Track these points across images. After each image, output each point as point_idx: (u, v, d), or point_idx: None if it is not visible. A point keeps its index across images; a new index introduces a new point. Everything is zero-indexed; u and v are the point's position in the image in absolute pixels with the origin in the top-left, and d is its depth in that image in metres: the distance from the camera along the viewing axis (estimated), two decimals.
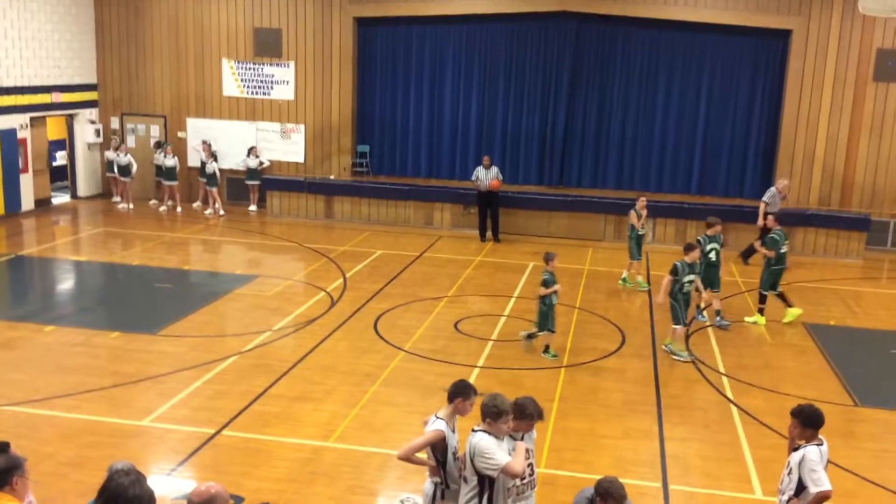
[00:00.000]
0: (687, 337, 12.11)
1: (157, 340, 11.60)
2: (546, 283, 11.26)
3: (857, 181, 19.24)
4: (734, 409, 9.91)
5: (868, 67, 18.80)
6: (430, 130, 21.64)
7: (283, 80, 21.45)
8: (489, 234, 19.23)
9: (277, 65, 21.41)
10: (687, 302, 11.76)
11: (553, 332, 11.46)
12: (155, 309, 13.08)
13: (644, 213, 15.53)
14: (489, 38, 20.90)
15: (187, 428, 8.87)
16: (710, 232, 13.23)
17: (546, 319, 11.36)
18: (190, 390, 9.88)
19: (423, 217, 20.30)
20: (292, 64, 21.33)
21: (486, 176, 19.03)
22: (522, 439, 5.99)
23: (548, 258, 11.51)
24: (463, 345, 11.85)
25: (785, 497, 6.10)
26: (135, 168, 21.18)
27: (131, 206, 21.26)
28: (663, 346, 11.86)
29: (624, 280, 15.44)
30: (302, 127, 21.60)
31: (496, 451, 5.48)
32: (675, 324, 11.67)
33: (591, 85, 20.62)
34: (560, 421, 9.34)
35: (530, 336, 11.73)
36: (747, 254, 17.35)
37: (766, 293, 13.30)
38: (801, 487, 6.00)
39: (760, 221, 16.72)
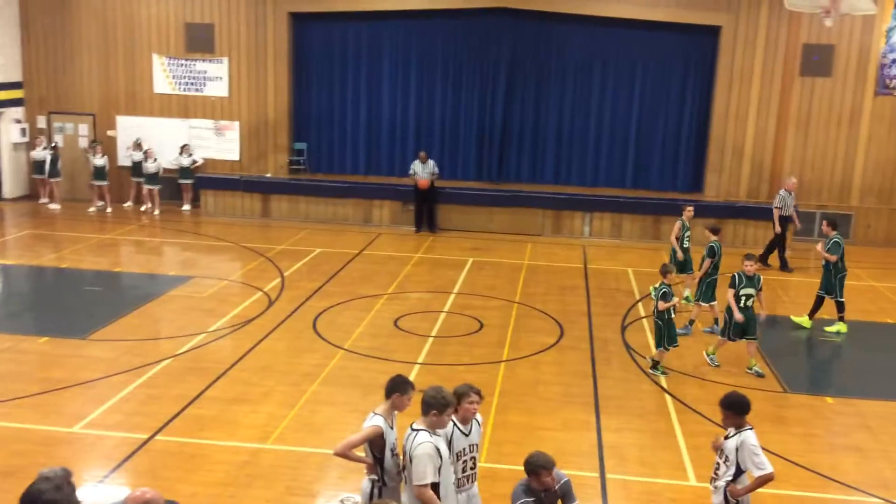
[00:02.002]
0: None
1: (87, 345, 11.28)
2: (666, 297, 10.62)
3: (785, 173, 19.74)
4: (668, 399, 10.10)
5: (795, 62, 19.34)
6: (367, 127, 21.53)
7: (216, 77, 21.07)
8: (424, 225, 19.45)
9: (210, 61, 21.03)
10: (745, 316, 10.87)
11: (676, 345, 10.87)
12: (85, 313, 12.72)
13: (689, 224, 14.15)
14: (426, 34, 20.88)
15: (120, 434, 8.66)
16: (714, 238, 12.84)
17: (662, 335, 10.70)
18: (122, 395, 9.64)
19: (362, 214, 20.19)
20: (225, 60, 20.98)
21: (423, 170, 19.09)
22: (471, 432, 6.00)
23: (664, 271, 10.87)
24: (403, 342, 11.83)
25: (721, 482, 6.22)
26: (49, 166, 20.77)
27: (58, 206, 20.67)
28: (746, 369, 11.02)
29: (688, 299, 13.76)
30: (236, 124, 21.26)
31: (427, 467, 5.47)
32: (721, 335, 11.27)
33: (527, 81, 20.77)
34: (500, 415, 9.39)
35: (656, 363, 10.91)
36: (767, 254, 17.12)
37: (842, 300, 12.92)
38: (737, 473, 6.14)
39: (777, 228, 16.78)
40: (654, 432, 9.15)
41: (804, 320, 13.19)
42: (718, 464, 6.34)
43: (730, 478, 6.18)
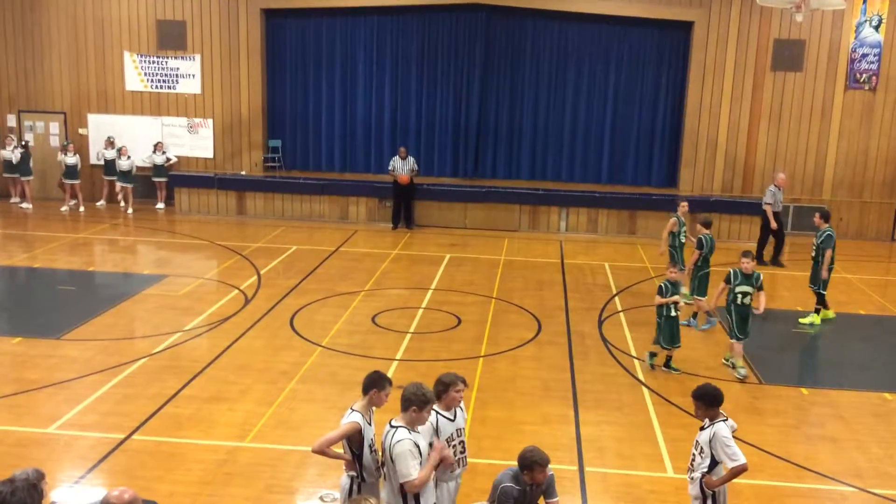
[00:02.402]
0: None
1: (61, 345, 11.15)
2: (660, 292, 10.45)
3: (758, 167, 19.99)
4: (646, 391, 10.17)
5: (766, 57, 19.53)
6: (343, 124, 21.47)
7: (188, 74, 20.90)
8: (402, 222, 19.48)
9: (182, 58, 20.84)
10: (741, 314, 10.57)
11: (677, 346, 10.67)
12: (59, 312, 12.57)
13: (685, 220, 13.84)
14: (400, 30, 20.84)
15: (95, 434, 8.57)
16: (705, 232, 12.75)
17: (662, 333, 10.56)
18: (97, 395, 9.54)
19: (338, 211, 20.13)
20: (198, 57, 20.80)
21: (403, 166, 19.06)
22: (455, 417, 6.03)
23: (669, 266, 10.79)
24: (381, 338, 11.80)
25: (697, 474, 6.27)
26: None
27: (30, 205, 20.44)
28: (723, 361, 11.03)
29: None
30: (210, 121, 21.11)
31: (409, 463, 5.42)
32: (730, 337, 10.80)
33: (502, 76, 20.80)
34: (479, 410, 9.40)
35: (653, 355, 10.86)
36: (777, 254, 16.78)
37: (824, 293, 13.02)
38: (712, 464, 6.19)
39: (773, 224, 16.51)
40: (631, 425, 9.21)
41: (828, 313, 13.20)
42: (694, 455, 6.39)
43: (705, 469, 6.22)
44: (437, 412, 5.93)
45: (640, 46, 20.34)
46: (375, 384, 5.90)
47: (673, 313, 10.56)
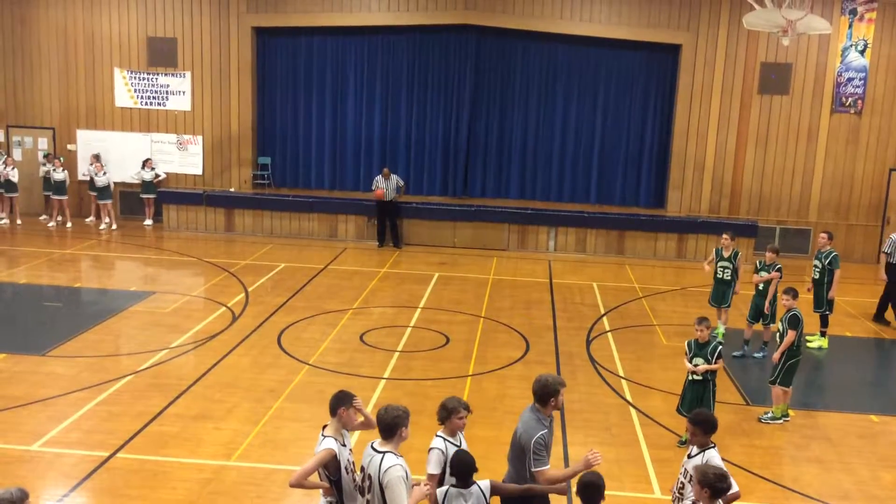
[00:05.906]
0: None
1: (46, 361, 11.06)
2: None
3: (745, 189, 20.12)
4: (633, 412, 10.17)
5: (753, 80, 19.72)
6: (333, 142, 21.51)
7: (178, 91, 20.90)
8: (389, 240, 19.50)
9: (173, 75, 20.86)
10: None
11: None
12: (44, 329, 12.47)
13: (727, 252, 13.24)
14: (391, 50, 20.95)
15: (80, 451, 8.49)
16: (768, 261, 12.56)
17: (681, 398, 9.26)
18: (82, 412, 9.46)
19: (327, 229, 20.11)
20: (188, 74, 20.82)
21: (386, 186, 19.07)
22: (461, 444, 6.03)
23: (696, 323, 9.16)
24: (368, 357, 11.77)
25: (688, 502, 6.19)
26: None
27: (18, 221, 20.32)
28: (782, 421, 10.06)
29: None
30: (199, 138, 21.10)
31: (403, 491, 5.35)
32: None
33: (492, 96, 20.91)
34: (466, 430, 9.25)
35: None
36: (882, 309, 14.93)
37: (829, 314, 13.03)
38: None
39: (882, 275, 14.65)
40: (619, 445, 9.20)
41: (823, 342, 13.17)
42: (683, 483, 6.32)
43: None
44: (445, 439, 5.92)
45: (628, 69, 20.50)
46: (342, 402, 5.87)
47: (691, 377, 9.10)
